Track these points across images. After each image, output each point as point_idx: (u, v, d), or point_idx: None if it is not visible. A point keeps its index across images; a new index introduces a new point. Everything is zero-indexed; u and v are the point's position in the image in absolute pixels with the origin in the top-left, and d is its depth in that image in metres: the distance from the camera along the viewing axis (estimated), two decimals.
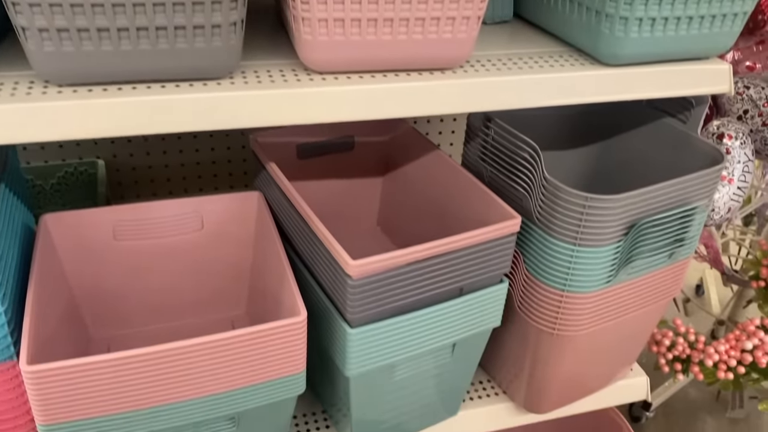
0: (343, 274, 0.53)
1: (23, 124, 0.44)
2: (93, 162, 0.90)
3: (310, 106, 0.50)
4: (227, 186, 0.97)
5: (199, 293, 0.70)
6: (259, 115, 0.49)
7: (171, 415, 0.52)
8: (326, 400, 0.70)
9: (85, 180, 0.90)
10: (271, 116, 0.49)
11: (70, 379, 0.47)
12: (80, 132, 0.46)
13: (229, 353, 0.51)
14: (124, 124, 0.46)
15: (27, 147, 0.88)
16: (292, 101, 0.50)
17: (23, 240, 0.61)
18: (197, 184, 0.96)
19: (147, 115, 0.47)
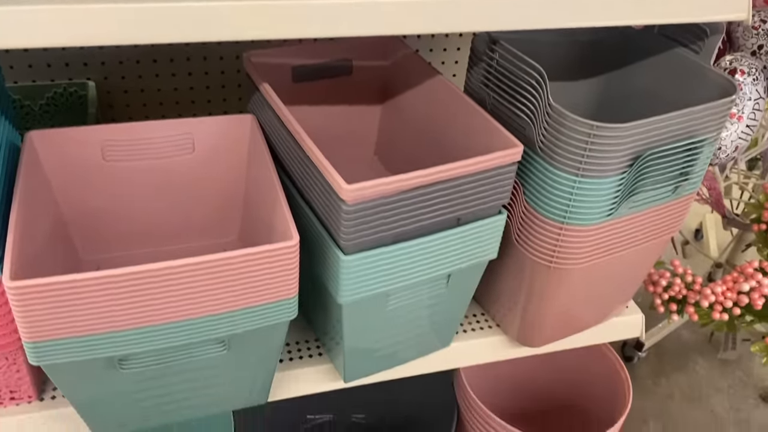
0: (337, 199, 0.51)
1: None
2: (83, 83, 0.87)
3: (307, 20, 0.47)
4: (221, 112, 0.94)
5: (191, 219, 0.69)
6: (253, 28, 0.46)
7: (159, 337, 0.51)
8: (319, 328, 0.70)
9: (75, 102, 0.87)
10: (265, 29, 0.47)
11: (54, 297, 0.46)
12: (63, 39, 0.43)
13: (221, 275, 0.50)
14: (109, 31, 0.44)
15: (14, 66, 0.85)
16: (288, 13, 0.47)
17: (8, 159, 0.59)
18: (191, 110, 0.93)
19: (136, 22, 0.44)
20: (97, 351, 0.50)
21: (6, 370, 0.59)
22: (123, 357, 0.52)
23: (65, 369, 0.51)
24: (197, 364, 0.56)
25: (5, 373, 0.59)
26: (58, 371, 0.51)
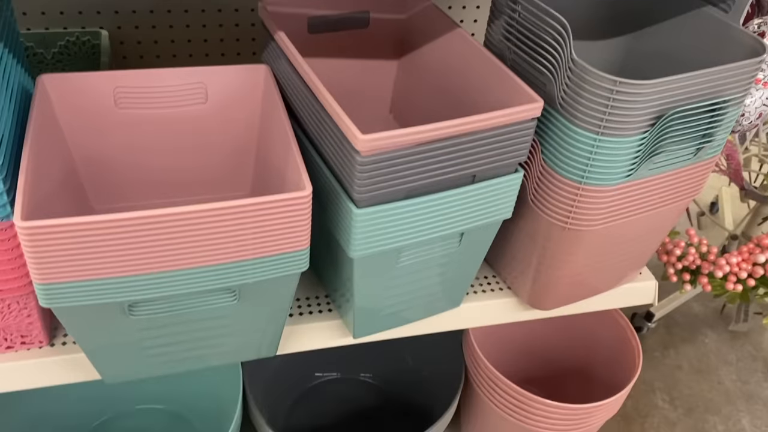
0: (352, 150, 0.50)
1: None
2: (96, 32, 0.85)
3: None
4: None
5: (203, 170, 0.68)
6: None
7: (169, 284, 0.51)
8: (329, 284, 0.70)
9: (88, 50, 0.86)
10: None
11: (66, 239, 0.45)
12: None
13: (232, 224, 0.49)
14: None
15: (27, 12, 0.84)
16: None
17: (20, 103, 0.58)
18: (204, 62, 0.92)
19: None
20: (107, 296, 0.50)
21: (17, 315, 0.59)
22: (133, 303, 0.52)
23: (75, 313, 0.51)
24: (207, 314, 0.56)
25: (16, 318, 0.59)
26: (69, 315, 0.51)
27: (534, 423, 0.78)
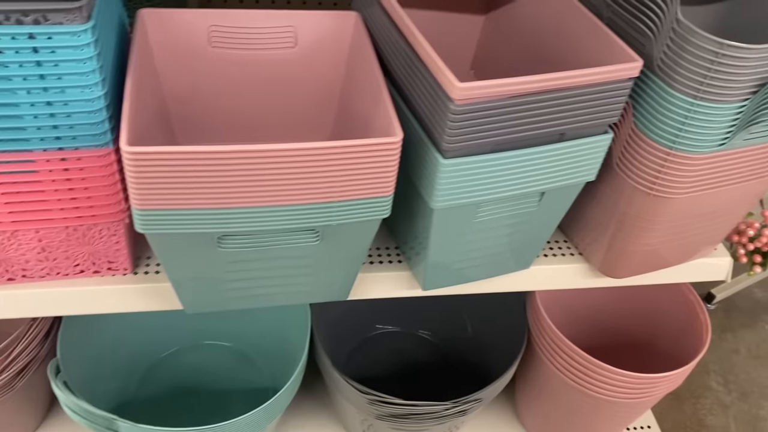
0: (445, 99, 0.50)
1: None
2: None
3: None
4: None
5: (286, 115, 0.69)
6: None
7: (258, 218, 0.52)
8: (401, 235, 0.70)
9: None
10: None
11: (168, 167, 0.47)
12: None
13: (324, 164, 0.50)
14: None
15: None
16: None
17: (118, 34, 0.60)
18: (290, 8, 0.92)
19: None
20: (199, 226, 0.52)
21: (107, 240, 0.61)
22: (223, 235, 0.54)
23: (167, 240, 0.53)
24: (289, 252, 0.58)
25: (106, 243, 0.62)
26: (161, 242, 0.53)
27: (596, 389, 0.78)
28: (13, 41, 0.46)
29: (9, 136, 0.51)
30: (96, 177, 0.55)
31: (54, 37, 0.47)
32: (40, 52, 0.47)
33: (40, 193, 0.55)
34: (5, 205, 0.55)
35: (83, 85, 0.50)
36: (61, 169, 0.54)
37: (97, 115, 0.52)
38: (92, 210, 0.58)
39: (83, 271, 0.64)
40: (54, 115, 0.51)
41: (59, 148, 0.53)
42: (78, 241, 0.61)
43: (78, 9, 0.46)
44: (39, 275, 0.63)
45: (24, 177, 0.54)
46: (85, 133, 0.52)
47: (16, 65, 0.47)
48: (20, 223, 0.57)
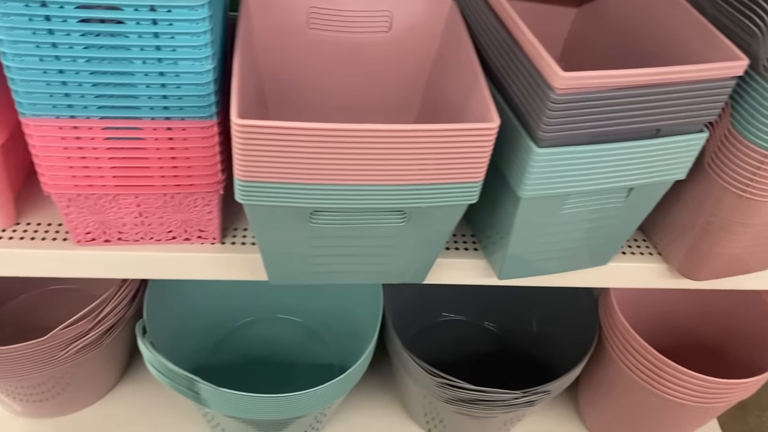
0: (546, 87, 0.50)
1: None
2: None
3: None
4: None
5: (376, 97, 0.71)
6: None
7: (352, 196, 0.54)
8: (479, 223, 0.71)
9: None
10: None
11: (274, 140, 0.49)
12: None
13: (418, 147, 0.51)
14: None
15: None
16: None
17: (223, 11, 0.62)
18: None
19: None
20: (296, 199, 0.53)
21: (201, 210, 0.64)
22: (316, 210, 0.55)
23: (264, 212, 0.55)
24: (375, 232, 0.59)
25: (200, 213, 0.64)
26: (257, 213, 0.55)
27: (667, 390, 0.77)
28: (135, 12, 0.49)
29: (121, 104, 0.54)
30: (198, 148, 0.58)
31: (173, 11, 0.49)
32: (158, 24, 0.50)
33: (144, 159, 0.58)
34: (111, 170, 0.58)
35: (195, 58, 0.52)
36: (166, 138, 0.57)
37: (204, 88, 0.54)
38: (191, 179, 0.60)
39: (175, 237, 0.67)
40: (165, 86, 0.53)
41: (166, 118, 0.55)
42: (174, 208, 0.63)
43: None
44: (133, 239, 0.66)
45: (131, 143, 0.57)
46: (192, 104, 0.55)
47: (135, 36, 0.50)
48: (123, 188, 0.60)
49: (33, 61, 0.50)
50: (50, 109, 0.53)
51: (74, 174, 0.58)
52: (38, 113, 0.53)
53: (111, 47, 0.50)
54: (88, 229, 0.64)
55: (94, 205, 0.62)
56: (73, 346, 0.72)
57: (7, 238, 0.66)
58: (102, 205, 0.62)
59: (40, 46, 0.49)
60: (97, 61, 0.51)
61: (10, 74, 0.51)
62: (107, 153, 0.57)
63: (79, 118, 0.54)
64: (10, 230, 0.66)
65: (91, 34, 0.49)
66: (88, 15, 0.48)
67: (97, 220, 0.63)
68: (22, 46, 0.49)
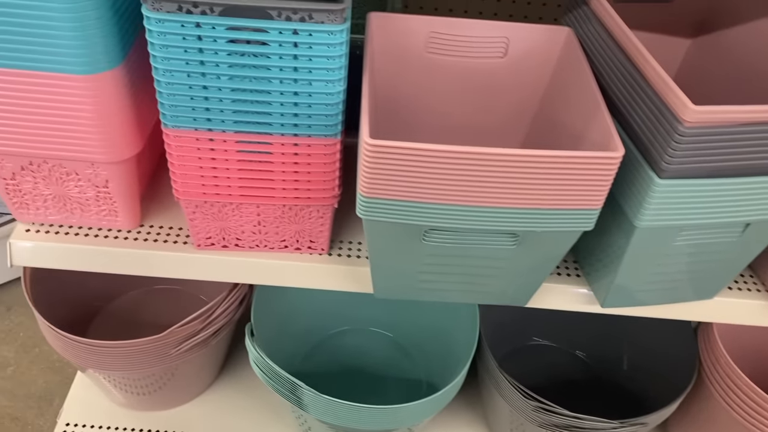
0: (673, 120, 0.50)
1: None
2: None
3: None
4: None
5: (485, 118, 0.72)
6: None
7: (469, 217, 0.55)
8: (585, 250, 0.71)
9: None
10: None
11: (399, 159, 0.51)
12: None
13: (542, 171, 0.52)
14: None
15: None
16: None
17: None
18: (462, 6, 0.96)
19: None
20: (414, 217, 0.55)
21: (314, 221, 0.67)
22: (431, 228, 0.57)
23: (382, 228, 0.57)
24: (486, 253, 0.60)
25: (313, 224, 0.67)
26: (375, 228, 0.58)
27: None
28: (279, 35, 0.52)
29: (255, 119, 0.57)
30: (319, 163, 0.61)
31: (314, 35, 0.52)
32: (299, 47, 0.53)
33: (269, 172, 0.61)
34: (238, 180, 0.62)
35: (328, 79, 0.55)
36: (292, 153, 0.60)
37: (333, 108, 0.57)
38: (309, 193, 0.63)
39: (287, 246, 0.70)
40: (297, 105, 0.56)
41: (294, 134, 0.58)
42: (290, 219, 0.66)
43: (340, 11, 0.51)
44: (249, 246, 0.69)
45: (259, 157, 0.60)
46: (320, 123, 0.57)
47: (276, 57, 0.53)
48: (247, 197, 0.63)
49: (181, 77, 0.54)
50: (191, 122, 0.57)
51: (204, 182, 0.62)
52: (179, 125, 0.57)
53: (253, 67, 0.54)
54: (209, 235, 0.68)
55: (218, 212, 0.65)
56: (185, 344, 0.76)
57: (132, 239, 0.70)
58: (225, 213, 0.65)
59: (190, 64, 0.53)
60: (238, 79, 0.54)
61: (159, 88, 0.55)
62: (237, 164, 0.61)
63: (216, 131, 0.58)
64: (135, 232, 0.71)
65: (236, 54, 0.53)
66: (236, 36, 0.52)
67: (218, 227, 0.67)
68: (174, 62, 0.53)
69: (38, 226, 0.70)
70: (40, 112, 0.58)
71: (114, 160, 0.62)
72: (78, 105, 0.57)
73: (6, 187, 0.66)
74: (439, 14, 0.95)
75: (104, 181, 0.65)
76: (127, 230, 0.71)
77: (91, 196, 0.67)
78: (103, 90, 0.57)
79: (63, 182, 0.65)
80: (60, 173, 0.64)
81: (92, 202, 0.67)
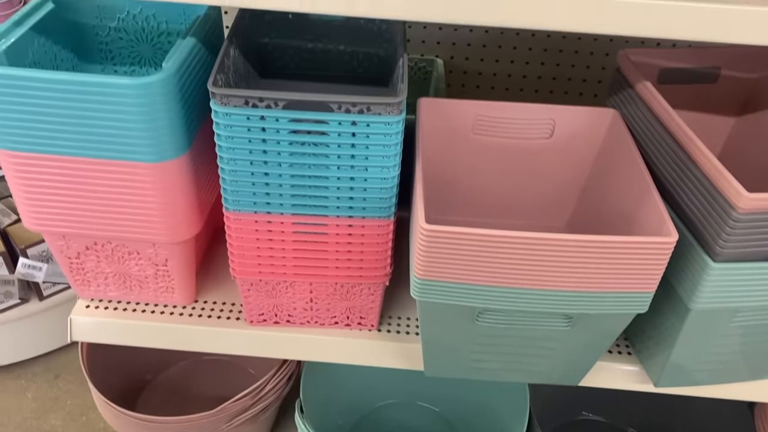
0: (726, 206, 0.51)
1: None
2: (432, 60, 0.95)
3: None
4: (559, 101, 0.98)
5: (531, 197, 0.73)
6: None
7: (523, 299, 0.56)
8: (637, 330, 0.70)
9: (421, 75, 0.96)
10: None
11: (455, 244, 0.52)
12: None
13: (596, 255, 0.52)
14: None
15: None
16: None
17: None
18: (516, 96, 0.98)
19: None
20: (470, 299, 0.56)
21: (365, 298, 0.68)
22: (484, 310, 0.58)
23: (436, 308, 0.58)
24: (539, 334, 0.60)
25: (364, 301, 0.68)
26: (429, 309, 0.58)
27: None
28: (338, 126, 0.54)
29: (314, 203, 0.59)
30: (372, 243, 0.62)
31: (371, 125, 0.54)
32: (357, 136, 0.55)
33: (323, 252, 0.63)
34: (293, 259, 0.64)
35: (383, 165, 0.57)
36: (346, 234, 0.62)
37: (387, 191, 0.59)
38: (361, 271, 0.65)
39: (337, 323, 0.71)
40: (353, 189, 0.58)
41: (349, 216, 0.60)
42: (341, 296, 0.68)
43: (396, 103, 0.54)
44: (300, 322, 0.71)
45: (315, 237, 0.62)
46: (374, 205, 0.59)
47: (335, 145, 0.56)
48: (301, 276, 0.65)
49: (244, 164, 0.57)
50: (251, 206, 0.60)
51: (260, 262, 0.64)
52: (240, 208, 0.60)
53: (313, 155, 0.56)
54: (262, 311, 0.69)
55: (272, 289, 0.67)
56: (235, 420, 0.77)
57: (187, 315, 0.72)
58: (279, 290, 0.67)
59: (253, 152, 0.56)
60: (298, 166, 0.57)
61: (223, 175, 0.57)
62: (292, 245, 0.62)
63: (274, 214, 0.60)
64: (190, 308, 0.73)
65: (297, 143, 0.55)
66: (298, 127, 0.54)
67: (271, 303, 0.69)
68: (238, 151, 0.56)
69: (97, 302, 0.73)
70: (107, 196, 0.61)
71: (175, 241, 0.65)
72: (144, 190, 0.60)
73: (70, 266, 0.69)
74: (481, 91, 0.99)
75: (164, 260, 0.67)
76: (182, 306, 0.73)
77: (150, 274, 0.69)
78: (169, 176, 0.60)
79: (124, 261, 0.68)
80: (122, 252, 0.67)
81: (151, 280, 0.70)
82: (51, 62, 0.66)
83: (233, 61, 0.62)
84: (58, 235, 0.65)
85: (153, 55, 0.73)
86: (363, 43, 0.71)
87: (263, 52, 0.71)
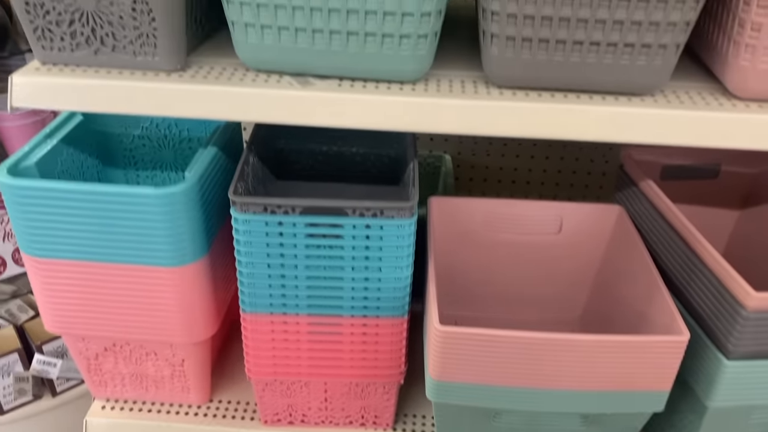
0: (735, 305, 0.52)
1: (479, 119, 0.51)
2: (440, 156, 0.98)
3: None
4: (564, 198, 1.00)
5: (541, 291, 0.74)
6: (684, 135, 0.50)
7: (540, 401, 0.56)
8: (656, 427, 0.69)
9: (430, 170, 0.99)
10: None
11: (471, 345, 0.53)
12: (517, 130, 0.51)
13: (607, 355, 0.53)
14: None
15: None
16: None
17: None
18: (524, 190, 1.00)
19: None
20: (486, 400, 0.56)
21: (380, 397, 0.68)
22: (500, 411, 0.57)
23: (453, 410, 0.58)
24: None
25: (378, 399, 0.68)
26: (446, 410, 0.58)
27: None
28: (353, 229, 0.56)
29: (329, 303, 0.61)
30: (387, 342, 0.63)
31: (384, 228, 0.56)
32: (370, 239, 0.57)
33: (338, 351, 0.64)
34: (308, 359, 0.64)
35: (396, 266, 0.58)
36: (361, 333, 0.62)
37: (400, 291, 0.60)
38: (376, 369, 0.65)
39: (352, 422, 0.70)
40: (367, 288, 0.60)
41: (363, 315, 0.61)
42: (356, 395, 0.68)
43: (408, 207, 0.56)
44: (314, 422, 0.70)
45: (329, 337, 0.63)
46: (388, 304, 0.60)
47: (350, 247, 0.57)
48: (315, 375, 0.65)
49: (262, 267, 0.58)
50: (267, 306, 0.61)
51: (276, 362, 0.64)
52: (256, 309, 0.61)
53: (328, 257, 0.58)
54: (276, 411, 0.69)
55: (287, 389, 0.67)
56: None
57: (202, 415, 0.72)
58: (294, 390, 0.67)
59: (270, 255, 0.58)
60: (314, 268, 0.58)
61: (241, 277, 0.59)
62: (307, 344, 0.63)
63: (290, 314, 0.61)
64: (205, 407, 0.73)
65: (313, 246, 0.57)
66: (314, 231, 0.56)
67: (286, 403, 0.68)
68: (256, 255, 0.58)
69: (113, 402, 0.73)
70: (128, 299, 0.62)
71: (193, 341, 0.66)
72: (164, 293, 0.61)
73: (89, 367, 0.69)
74: (488, 184, 1.01)
75: (181, 360, 0.68)
76: (197, 405, 0.73)
77: (166, 374, 0.69)
78: (189, 279, 0.61)
79: (142, 361, 0.68)
80: (140, 353, 0.68)
81: (167, 380, 0.70)
82: (78, 169, 0.69)
83: (252, 167, 0.65)
84: (78, 338, 0.67)
85: (174, 159, 0.76)
86: (374, 145, 0.74)
87: (280, 155, 0.74)
